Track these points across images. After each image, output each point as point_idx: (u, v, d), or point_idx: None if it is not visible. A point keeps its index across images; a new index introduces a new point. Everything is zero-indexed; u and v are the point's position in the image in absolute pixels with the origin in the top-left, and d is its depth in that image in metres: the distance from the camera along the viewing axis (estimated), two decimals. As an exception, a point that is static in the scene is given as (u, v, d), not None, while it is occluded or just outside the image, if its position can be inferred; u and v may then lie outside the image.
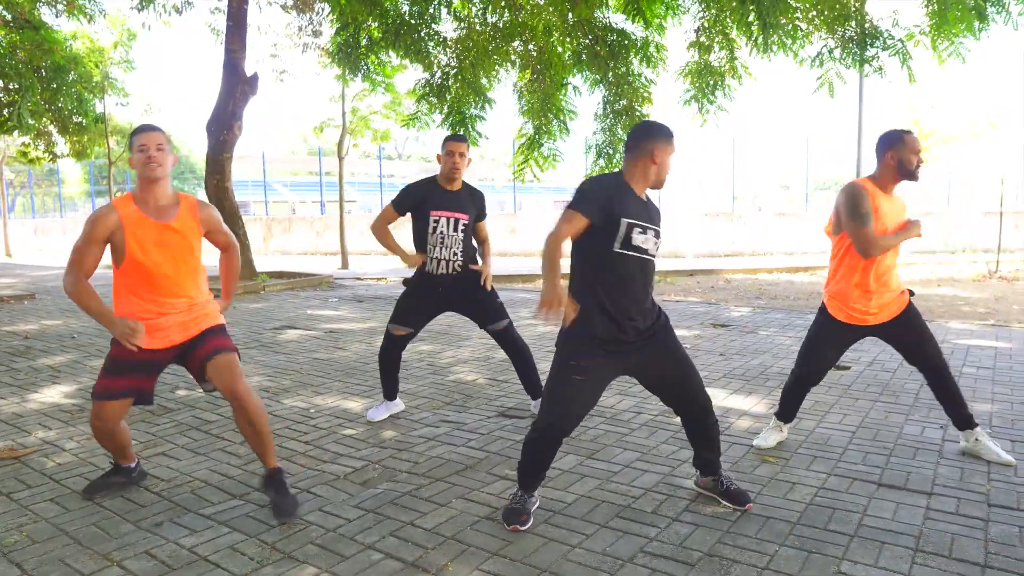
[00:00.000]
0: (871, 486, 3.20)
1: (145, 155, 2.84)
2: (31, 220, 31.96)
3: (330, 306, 9.67)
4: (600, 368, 2.78)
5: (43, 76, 15.81)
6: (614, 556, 2.59)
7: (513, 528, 2.79)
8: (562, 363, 2.79)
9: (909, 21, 8.56)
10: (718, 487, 3.03)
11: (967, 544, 2.64)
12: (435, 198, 4.06)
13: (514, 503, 2.89)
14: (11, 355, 6.36)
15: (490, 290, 4.17)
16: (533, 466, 2.87)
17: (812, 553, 2.60)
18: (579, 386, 2.75)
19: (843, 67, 8.85)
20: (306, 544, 2.71)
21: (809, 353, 3.62)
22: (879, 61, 8.70)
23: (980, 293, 10.60)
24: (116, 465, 3.25)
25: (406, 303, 4.20)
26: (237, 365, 2.98)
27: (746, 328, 7.41)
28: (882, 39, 8.57)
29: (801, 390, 3.69)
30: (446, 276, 4.07)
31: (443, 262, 4.05)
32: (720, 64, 9.53)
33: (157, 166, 2.85)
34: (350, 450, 3.79)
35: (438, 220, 4.02)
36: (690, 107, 9.67)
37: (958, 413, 3.54)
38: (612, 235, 2.71)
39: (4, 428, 4.22)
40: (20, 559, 2.62)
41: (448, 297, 4.15)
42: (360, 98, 16.66)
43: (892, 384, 4.97)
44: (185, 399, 4.82)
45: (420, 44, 9.67)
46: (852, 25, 8.60)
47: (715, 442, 3.02)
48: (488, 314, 4.17)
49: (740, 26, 8.25)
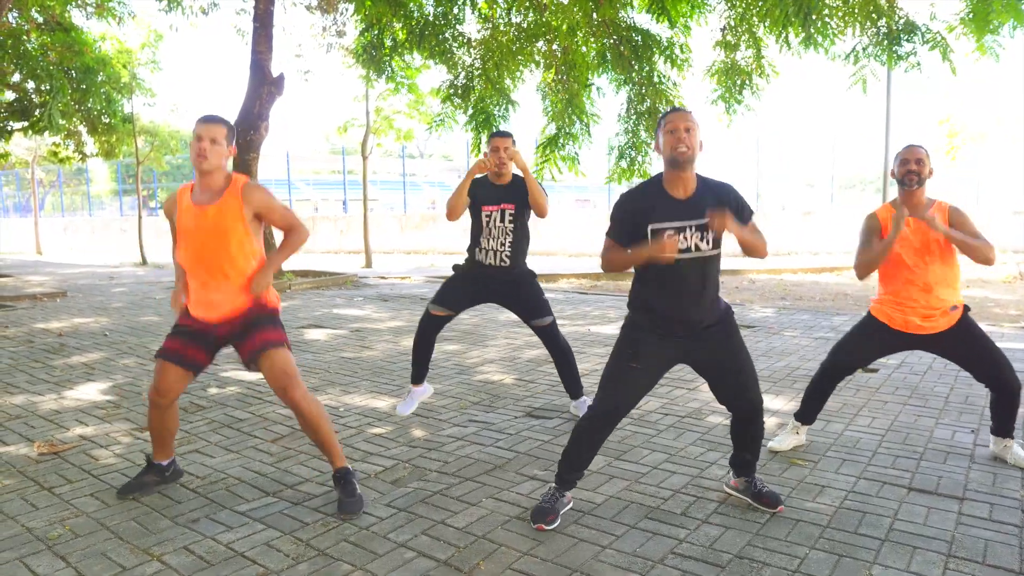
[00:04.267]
0: (901, 490, 3.19)
1: (198, 145, 2.94)
2: (61, 218, 32.53)
3: (355, 305, 9.76)
4: (655, 356, 2.85)
5: (73, 77, 16.12)
6: (644, 557, 2.61)
7: (539, 527, 2.82)
8: (620, 350, 2.89)
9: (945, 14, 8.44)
10: (751, 488, 3.04)
11: (1001, 550, 2.63)
12: (483, 194, 4.17)
13: (544, 502, 2.93)
14: (47, 352, 6.50)
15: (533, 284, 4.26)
16: (577, 453, 2.91)
17: (843, 557, 2.60)
18: (635, 372, 2.83)
19: (878, 64, 8.75)
20: (340, 542, 2.76)
21: (843, 345, 3.62)
22: (916, 56, 8.58)
23: (1010, 295, 10.45)
24: (149, 462, 3.31)
25: (450, 285, 4.28)
26: (291, 365, 3.03)
27: (772, 329, 7.38)
28: (920, 33, 8.46)
29: (825, 383, 3.65)
30: (494, 267, 4.15)
31: (492, 252, 4.15)
32: (747, 63, 9.48)
33: (203, 160, 2.94)
34: (380, 449, 3.84)
35: (490, 214, 4.14)
36: (717, 107, 9.65)
37: (1004, 423, 3.51)
38: (645, 243, 2.74)
39: (43, 424, 4.33)
40: (64, 552, 2.69)
41: (495, 289, 4.23)
42: (384, 98, 16.78)
43: (921, 387, 4.93)
44: (216, 396, 4.90)
45: (444, 45, 9.72)
46: (884, 22, 8.50)
47: (757, 444, 3.04)
48: (533, 309, 4.23)
49: (774, 23, 8.15)
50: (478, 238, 4.17)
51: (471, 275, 4.23)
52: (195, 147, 2.95)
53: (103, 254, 24.22)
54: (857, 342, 3.60)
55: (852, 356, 3.62)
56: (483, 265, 4.17)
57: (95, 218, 31.54)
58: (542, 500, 2.94)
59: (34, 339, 7.16)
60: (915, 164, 3.35)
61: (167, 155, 23.27)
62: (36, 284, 13.15)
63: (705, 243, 2.77)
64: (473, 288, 4.26)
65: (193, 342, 3.09)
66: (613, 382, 2.87)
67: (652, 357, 2.85)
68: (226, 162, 3.04)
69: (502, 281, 4.18)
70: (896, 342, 3.53)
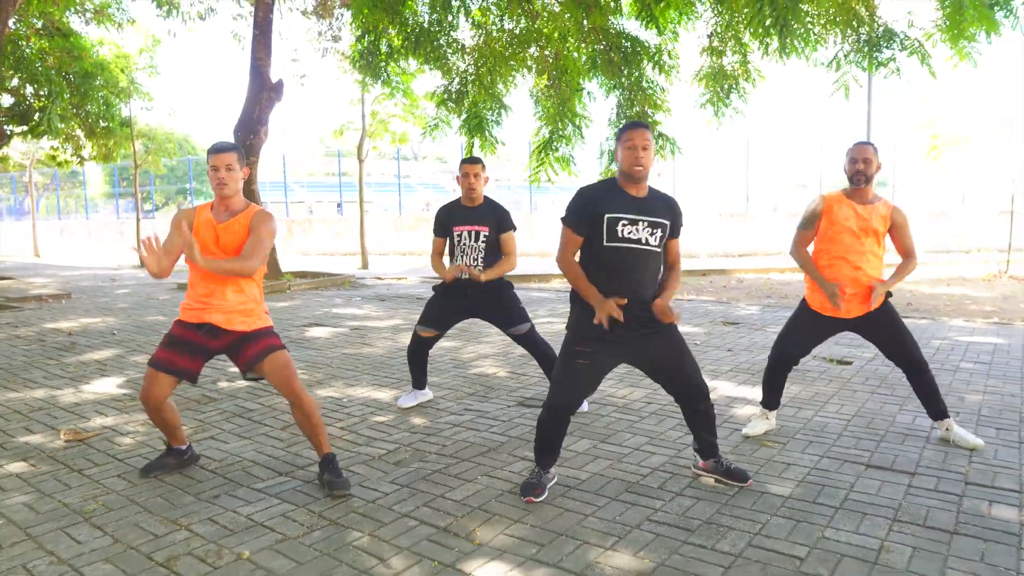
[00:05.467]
0: (860, 467, 3.51)
1: (216, 176, 3.26)
2: (57, 221, 32.69)
3: (354, 304, 10.05)
4: (601, 353, 3.12)
5: (72, 82, 16.35)
6: (623, 523, 2.92)
7: (528, 500, 3.12)
8: (567, 347, 3.17)
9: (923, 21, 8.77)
10: (719, 467, 3.34)
11: (941, 515, 2.94)
12: (457, 215, 4.50)
13: (531, 478, 3.24)
14: (59, 350, 6.78)
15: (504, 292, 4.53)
16: (544, 443, 3.22)
17: (800, 522, 2.91)
18: (582, 369, 3.11)
19: (859, 70, 9.08)
20: (349, 513, 3.06)
21: (783, 337, 3.94)
22: (895, 63, 8.91)
23: (989, 292, 10.80)
24: (168, 446, 3.60)
25: (433, 306, 4.58)
26: (291, 364, 3.36)
27: (755, 326, 7.70)
28: (898, 40, 8.79)
29: (776, 377, 3.96)
30: (470, 281, 4.41)
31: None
32: (733, 68, 9.81)
33: (224, 187, 3.27)
34: (382, 435, 4.14)
35: (460, 234, 4.46)
36: (705, 111, 9.98)
37: (933, 406, 3.84)
38: (599, 232, 3.07)
39: (65, 415, 4.61)
40: (100, 523, 2.98)
41: (473, 303, 4.50)
42: (379, 102, 17.05)
43: (890, 378, 5.25)
44: (226, 390, 5.19)
45: (439, 51, 10.01)
46: (864, 29, 8.84)
47: (712, 424, 3.33)
48: (510, 318, 4.51)
49: (755, 31, 8.47)
50: (452, 255, 4.50)
51: (451, 289, 4.49)
52: (214, 177, 3.28)
53: (100, 257, 24.43)
54: (794, 334, 3.92)
55: (793, 348, 3.92)
56: (459, 280, 4.44)
57: (91, 221, 31.71)
58: (529, 476, 3.26)
59: (45, 338, 7.43)
60: (862, 163, 3.68)
61: (164, 158, 23.51)
62: (39, 286, 13.39)
63: (654, 240, 3.11)
64: (454, 304, 4.53)
65: (185, 353, 3.36)
66: (560, 381, 3.13)
67: (597, 355, 3.12)
68: (242, 184, 3.35)
69: (481, 291, 4.44)
70: (829, 326, 3.84)
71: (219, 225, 3.31)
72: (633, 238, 3.08)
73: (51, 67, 15.81)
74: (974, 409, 4.45)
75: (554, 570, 2.56)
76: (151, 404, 3.37)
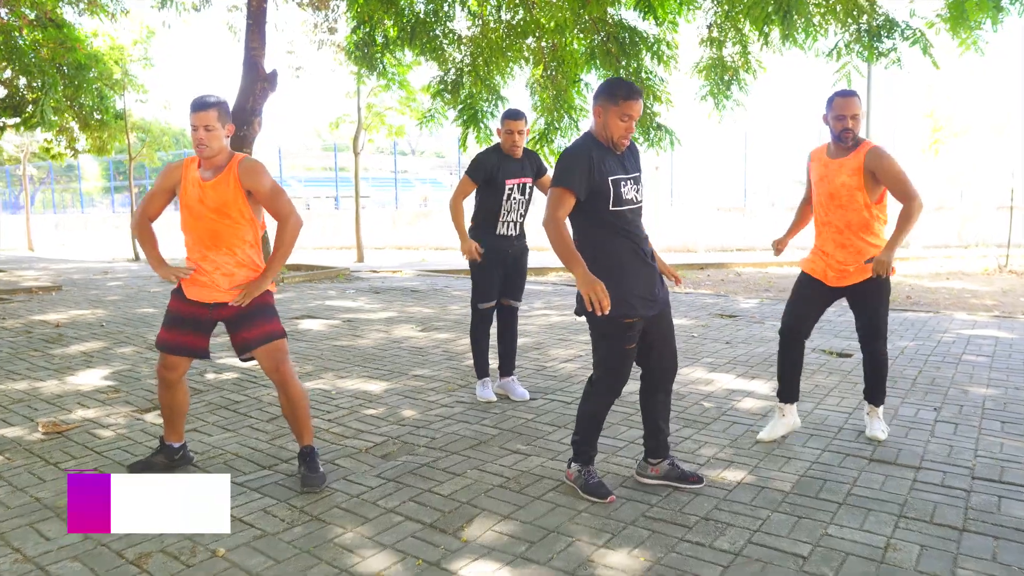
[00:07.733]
0: (863, 461, 3.39)
1: (195, 136, 3.09)
2: (52, 215, 32.52)
3: (348, 297, 9.92)
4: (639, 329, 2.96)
5: (65, 73, 16.15)
6: (617, 519, 2.80)
7: (611, 499, 2.93)
8: (615, 329, 2.91)
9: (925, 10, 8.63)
10: (674, 471, 3.10)
11: (948, 511, 2.83)
12: (507, 168, 4.40)
13: (590, 479, 3.01)
14: (45, 342, 6.65)
15: None
16: (596, 430, 3.05)
17: (802, 519, 2.79)
18: (631, 352, 2.98)
19: (860, 60, 8.93)
20: (332, 508, 2.94)
21: (787, 309, 3.76)
22: (896, 53, 8.77)
23: (989, 286, 10.69)
24: (161, 443, 3.44)
25: (482, 277, 4.47)
26: (284, 349, 3.21)
27: (753, 319, 7.58)
28: (900, 30, 8.64)
29: (786, 352, 3.72)
30: (513, 237, 4.43)
31: (511, 224, 4.44)
32: (733, 59, 9.68)
33: (204, 148, 3.09)
34: (371, 427, 4.02)
35: (512, 187, 4.39)
36: (706, 103, 9.85)
37: (870, 389, 3.72)
38: (605, 198, 2.85)
39: (46, 407, 4.48)
40: (72, 519, 2.86)
41: (510, 262, 4.48)
42: (375, 94, 16.90)
43: (892, 370, 5.12)
44: (213, 382, 5.07)
45: (435, 42, 9.87)
46: (865, 19, 8.70)
47: (669, 412, 3.16)
48: (516, 290, 4.56)
49: (756, 21, 8.32)
50: (497, 211, 4.37)
51: (492, 256, 4.39)
52: (193, 137, 3.11)
53: (95, 250, 24.26)
54: (795, 303, 3.73)
55: (796, 317, 3.70)
56: (504, 237, 4.41)
57: (87, 215, 31.55)
58: (588, 479, 3.01)
59: (32, 330, 7.30)
60: (851, 120, 3.37)
61: (159, 151, 23.34)
62: (31, 279, 13.24)
63: (640, 195, 2.97)
64: (499, 271, 4.47)
65: (189, 330, 3.22)
66: (615, 368, 2.97)
67: (638, 333, 2.97)
68: (227, 141, 3.16)
69: (517, 249, 4.47)
70: (827, 293, 3.65)
71: (205, 183, 3.14)
72: (631, 198, 2.91)
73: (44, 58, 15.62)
74: (977, 402, 4.33)
75: (544, 569, 2.44)
76: (171, 375, 3.26)
